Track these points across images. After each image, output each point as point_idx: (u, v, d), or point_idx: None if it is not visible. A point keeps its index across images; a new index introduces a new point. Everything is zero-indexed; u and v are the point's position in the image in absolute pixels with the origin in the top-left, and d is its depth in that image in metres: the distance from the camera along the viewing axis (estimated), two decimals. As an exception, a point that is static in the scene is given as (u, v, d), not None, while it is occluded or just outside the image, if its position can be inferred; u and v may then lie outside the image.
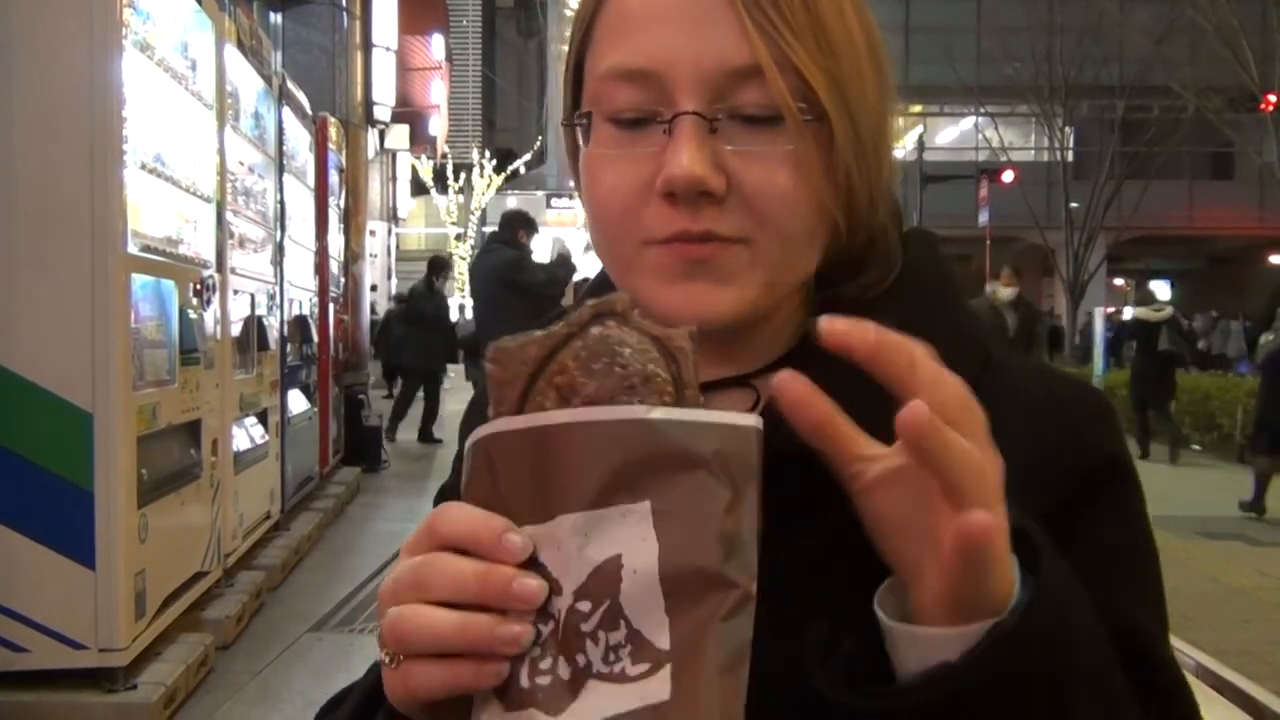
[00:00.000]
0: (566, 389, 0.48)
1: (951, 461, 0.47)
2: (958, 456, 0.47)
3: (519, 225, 7.07)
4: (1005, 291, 9.00)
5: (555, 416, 0.47)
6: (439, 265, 11.20)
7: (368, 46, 12.52)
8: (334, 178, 8.31)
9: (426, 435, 11.05)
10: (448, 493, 0.82)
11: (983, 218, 21.07)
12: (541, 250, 7.81)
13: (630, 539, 0.46)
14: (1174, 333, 9.85)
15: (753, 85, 0.60)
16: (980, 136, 24.67)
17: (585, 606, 0.46)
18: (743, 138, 0.61)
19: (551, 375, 0.49)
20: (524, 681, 0.47)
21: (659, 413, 0.46)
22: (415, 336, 10.75)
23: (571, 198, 27.75)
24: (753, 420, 0.47)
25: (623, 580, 0.46)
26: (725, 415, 0.47)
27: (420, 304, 10.75)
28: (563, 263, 7.20)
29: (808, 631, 0.55)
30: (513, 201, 25.25)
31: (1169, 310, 10.08)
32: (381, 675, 0.52)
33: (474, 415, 0.82)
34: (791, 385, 0.49)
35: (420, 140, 18.44)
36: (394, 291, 17.12)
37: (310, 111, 7.49)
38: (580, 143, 0.66)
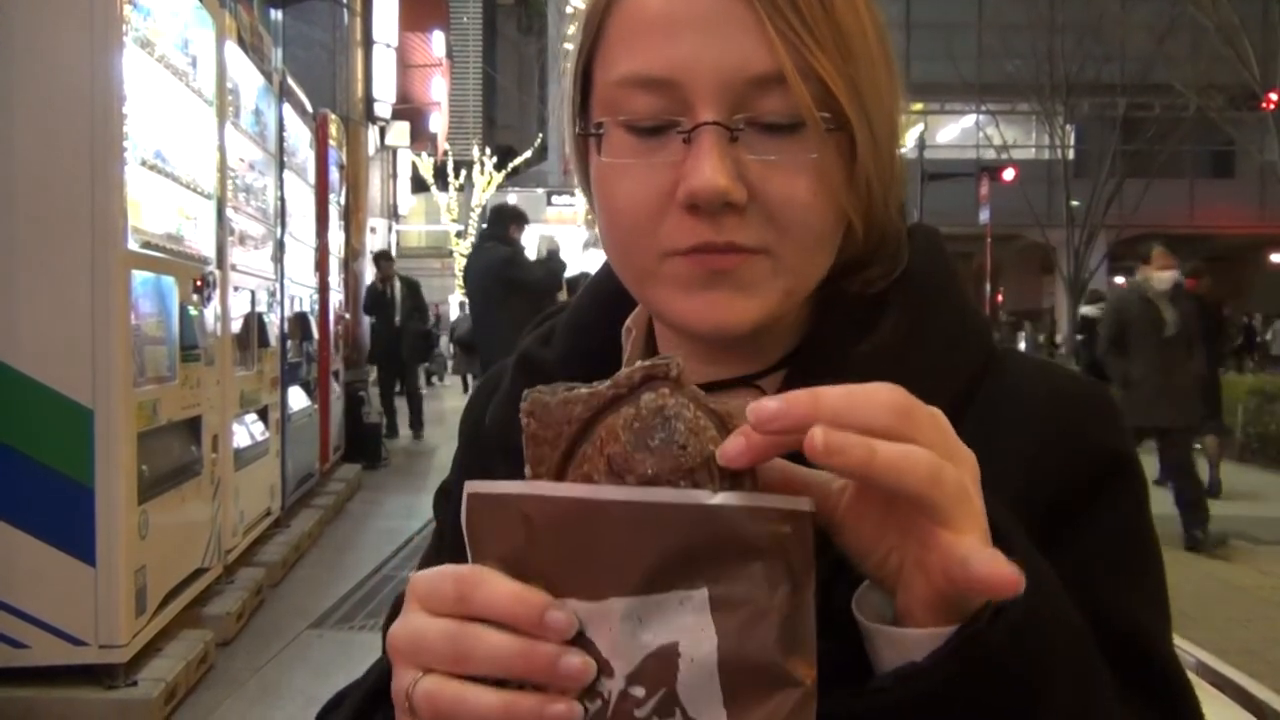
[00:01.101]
0: (620, 464, 0.46)
1: (887, 472, 0.45)
2: (892, 464, 0.45)
3: (510, 220, 6.99)
4: (1161, 277, 6.61)
5: (610, 493, 0.45)
6: (375, 260, 11.15)
7: (368, 43, 12.52)
8: (334, 174, 8.32)
9: (414, 426, 11.28)
10: (447, 491, 0.82)
11: (983, 216, 21.08)
12: (530, 246, 7.75)
13: (688, 628, 0.45)
14: None
15: (774, 93, 0.59)
16: (981, 134, 24.66)
17: (639, 692, 0.45)
18: (764, 146, 0.60)
19: (602, 443, 0.47)
20: None
21: (720, 498, 0.45)
22: (372, 333, 10.79)
23: (573, 195, 27.76)
24: (807, 505, 0.46)
25: (679, 669, 0.45)
26: (782, 500, 0.46)
27: (368, 300, 10.73)
28: (553, 258, 7.17)
29: None
30: (513, 199, 25.25)
31: None
32: (392, 688, 0.51)
33: (474, 412, 0.82)
34: (743, 454, 0.46)
35: (421, 137, 18.44)
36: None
37: (311, 108, 7.49)
38: (594, 150, 0.65)
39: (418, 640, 0.48)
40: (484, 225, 7.80)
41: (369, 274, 11.03)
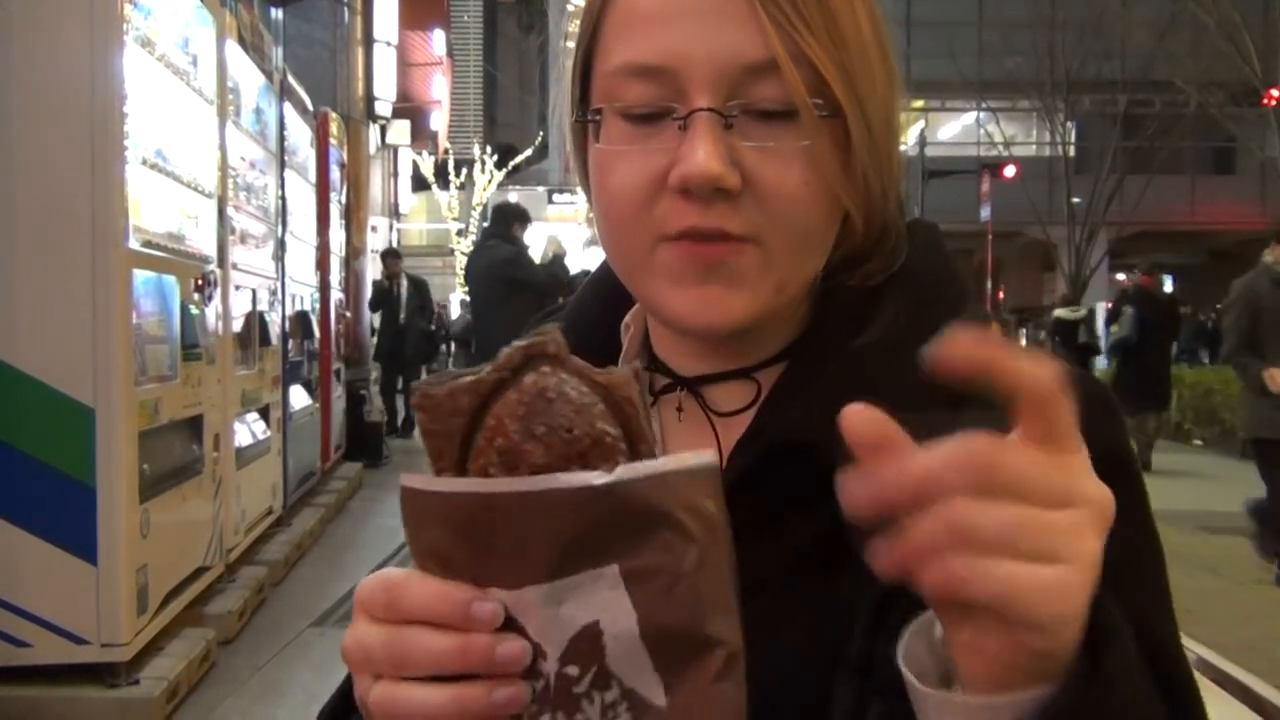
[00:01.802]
0: (510, 455, 0.45)
1: (1012, 607, 0.40)
2: (1022, 600, 0.40)
3: (513, 219, 6.99)
4: None
5: (500, 485, 0.44)
6: (382, 256, 11.01)
7: (369, 42, 12.49)
8: (335, 173, 8.32)
9: (404, 425, 11.10)
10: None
11: (984, 213, 21.09)
12: (535, 247, 7.75)
13: (605, 604, 0.45)
14: (1088, 329, 12.02)
15: (768, 80, 0.60)
16: (982, 131, 24.63)
17: (573, 670, 0.45)
18: (758, 133, 0.60)
19: (491, 434, 0.46)
20: None
21: (610, 476, 0.44)
22: (377, 330, 10.73)
23: (574, 193, 27.75)
24: (709, 457, 0.45)
25: (605, 646, 0.45)
26: (681, 460, 0.44)
27: (374, 296, 10.67)
28: (558, 262, 7.18)
29: (833, 700, 0.52)
30: (514, 197, 25.23)
31: (1084, 311, 12.76)
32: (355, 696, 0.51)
33: None
34: (861, 429, 0.42)
35: (422, 135, 18.42)
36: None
37: (311, 107, 7.50)
38: (591, 139, 0.65)
39: (363, 649, 0.49)
40: (485, 224, 7.80)
41: (370, 272, 11.01)
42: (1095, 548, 0.43)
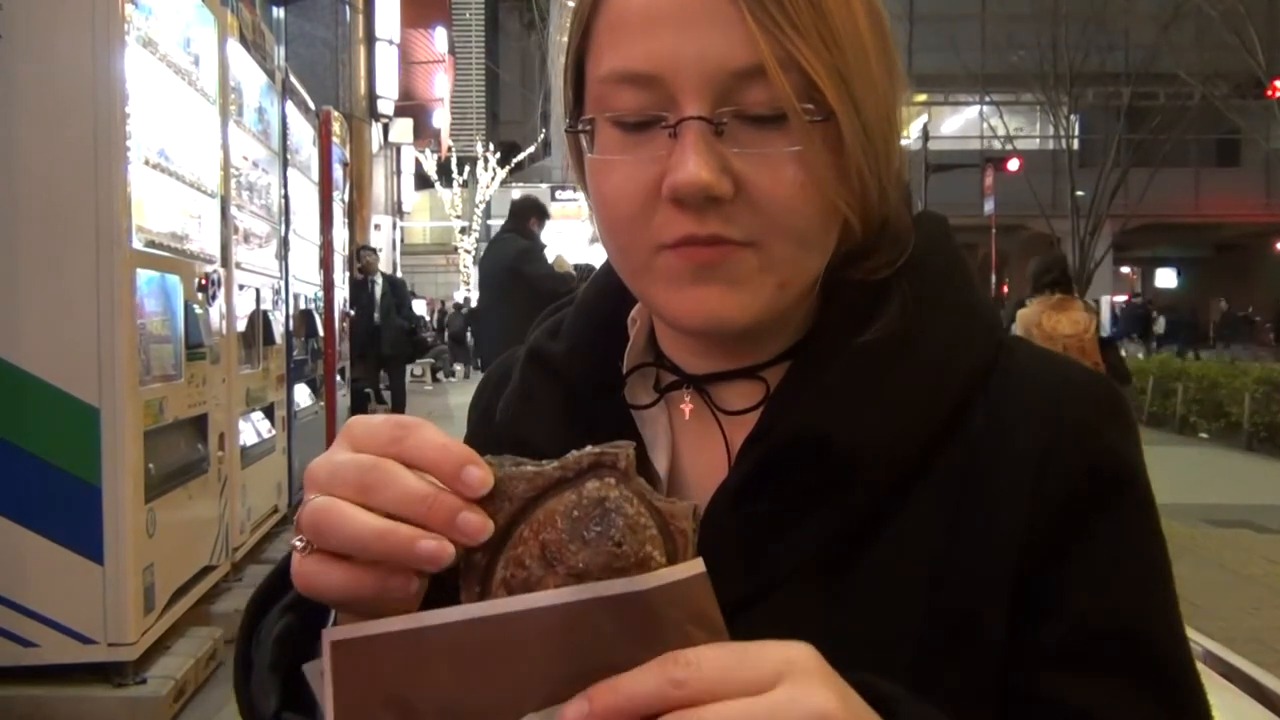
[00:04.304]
0: (553, 552, 0.45)
1: None
2: None
3: (531, 214, 6.97)
4: None
5: (500, 607, 0.44)
6: (357, 252, 10.83)
7: (370, 40, 12.52)
8: (338, 172, 8.31)
9: None
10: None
11: (988, 206, 21.07)
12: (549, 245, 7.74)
13: None
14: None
15: (757, 85, 0.59)
16: (985, 125, 24.61)
17: None
18: (749, 139, 0.60)
19: (539, 527, 0.46)
20: None
21: (621, 588, 0.43)
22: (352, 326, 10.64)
23: (576, 190, 27.76)
24: (700, 565, 0.45)
25: None
26: (684, 569, 0.44)
27: (349, 292, 10.56)
28: (565, 278, 7.19)
29: None
30: (517, 194, 25.24)
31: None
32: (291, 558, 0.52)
33: (480, 402, 0.82)
34: None
35: (424, 133, 18.47)
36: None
37: (313, 106, 7.49)
38: (585, 146, 0.65)
39: (335, 471, 0.49)
40: (488, 220, 7.80)
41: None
42: (823, 700, 0.44)
